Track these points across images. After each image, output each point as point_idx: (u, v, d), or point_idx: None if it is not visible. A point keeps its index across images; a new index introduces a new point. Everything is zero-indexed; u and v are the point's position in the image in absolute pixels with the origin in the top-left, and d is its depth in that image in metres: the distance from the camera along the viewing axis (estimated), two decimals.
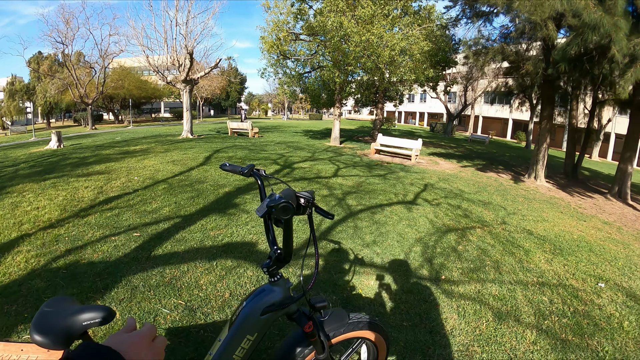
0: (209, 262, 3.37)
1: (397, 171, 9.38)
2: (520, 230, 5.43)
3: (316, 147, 13.28)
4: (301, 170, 8.18)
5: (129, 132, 20.12)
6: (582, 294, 3.58)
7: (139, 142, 11.81)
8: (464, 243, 4.55)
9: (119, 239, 3.70)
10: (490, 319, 2.91)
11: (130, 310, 2.53)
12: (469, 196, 7.35)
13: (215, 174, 6.93)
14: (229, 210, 4.88)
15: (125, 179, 6.04)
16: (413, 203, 6.22)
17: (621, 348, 2.75)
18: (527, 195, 8.47)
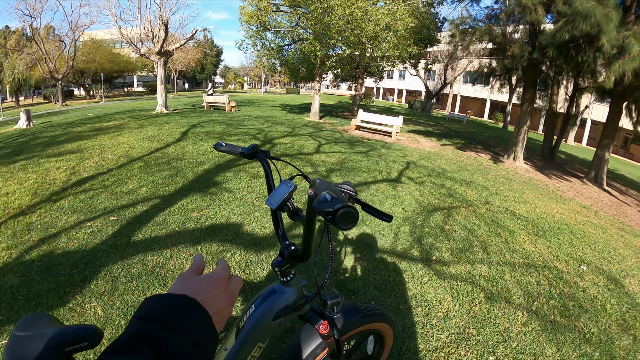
0: (193, 246, 3.16)
1: (378, 148, 9.33)
2: (504, 211, 5.50)
3: (295, 122, 12.99)
4: (282, 146, 7.96)
5: (101, 107, 19.07)
6: (566, 276, 3.69)
7: (112, 117, 11.15)
8: (450, 223, 4.58)
9: (95, 225, 3.41)
10: (482, 300, 2.95)
11: (112, 305, 2.32)
12: (452, 175, 7.42)
13: (193, 150, 6.61)
14: (210, 189, 4.64)
15: (99, 157, 5.65)
16: (397, 181, 6.20)
17: (605, 330, 2.86)
18: (507, 175, 8.62)
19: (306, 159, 6.98)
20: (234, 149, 1.30)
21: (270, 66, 15.86)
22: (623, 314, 3.15)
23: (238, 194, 4.57)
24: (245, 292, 2.60)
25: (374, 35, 11.13)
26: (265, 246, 3.30)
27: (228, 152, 1.31)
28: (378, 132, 12.35)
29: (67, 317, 2.16)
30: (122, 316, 2.21)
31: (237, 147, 1.29)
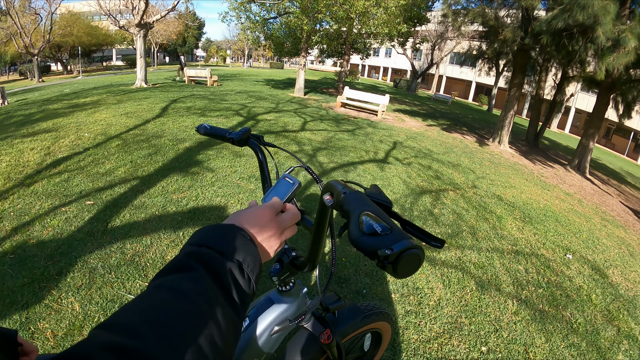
0: (175, 232, 2.97)
1: (364, 127, 9.19)
2: (491, 196, 5.50)
3: (280, 97, 12.64)
4: (266, 122, 7.70)
5: (78, 82, 18.08)
6: (553, 264, 3.73)
7: (89, 93, 10.53)
8: (439, 206, 4.55)
9: (71, 210, 3.15)
10: (473, 288, 2.95)
11: (90, 299, 2.13)
12: (438, 157, 7.38)
13: (174, 127, 6.29)
14: (191, 168, 4.40)
15: (75, 136, 5.27)
16: (384, 162, 6.13)
17: (591, 320, 2.91)
18: (493, 159, 8.64)
19: (291, 136, 6.78)
20: (220, 132, 1.10)
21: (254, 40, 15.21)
22: (607, 305, 3.22)
23: (221, 173, 4.35)
24: None
25: (363, 11, 10.76)
26: None
27: (213, 135, 1.13)
28: (364, 110, 12.15)
29: (44, 315, 1.97)
30: (101, 312, 2.03)
31: (224, 130, 1.09)
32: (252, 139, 1.06)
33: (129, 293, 2.19)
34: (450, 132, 11.40)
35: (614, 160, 20.17)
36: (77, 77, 26.57)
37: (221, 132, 1.10)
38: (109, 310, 2.05)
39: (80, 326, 1.92)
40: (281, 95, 13.52)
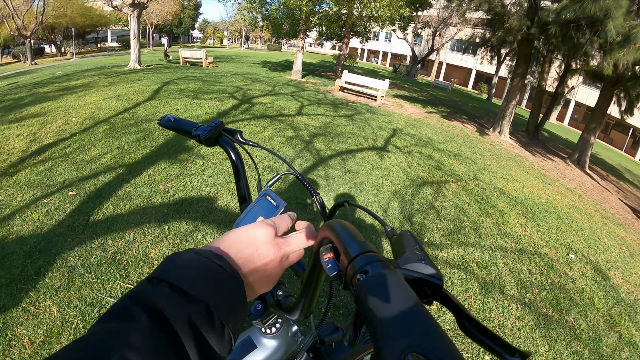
0: (159, 226, 2.77)
1: (363, 112, 8.96)
2: (493, 189, 5.35)
3: (276, 80, 12.31)
4: (262, 106, 7.44)
5: (71, 64, 17.48)
6: (556, 265, 3.63)
7: (81, 75, 10.13)
8: (440, 199, 4.42)
9: (52, 202, 2.93)
10: (477, 290, 2.85)
11: (69, 303, 1.95)
12: (439, 145, 7.21)
13: (165, 110, 6.03)
14: (180, 155, 4.17)
15: (62, 121, 5.01)
16: (384, 150, 5.96)
17: (594, 326, 2.84)
18: (493, 149, 8.48)
19: (287, 121, 6.55)
20: (186, 126, 0.87)
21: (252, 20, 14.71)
22: (609, 309, 3.14)
23: (211, 160, 4.14)
24: None
25: None
26: None
27: (177, 130, 0.90)
28: (363, 94, 11.87)
29: (21, 320, 1.81)
30: (79, 317, 1.86)
31: (191, 124, 0.87)
32: (225, 135, 0.82)
33: (109, 296, 2.02)
34: (450, 120, 11.20)
35: (612, 156, 20.14)
36: (71, 59, 25.87)
37: (187, 126, 0.87)
38: (87, 316, 1.87)
39: (58, 333, 1.76)
40: (278, 77, 13.17)
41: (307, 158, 4.81)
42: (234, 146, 0.81)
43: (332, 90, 11.91)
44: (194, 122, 0.86)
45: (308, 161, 4.71)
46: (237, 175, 0.80)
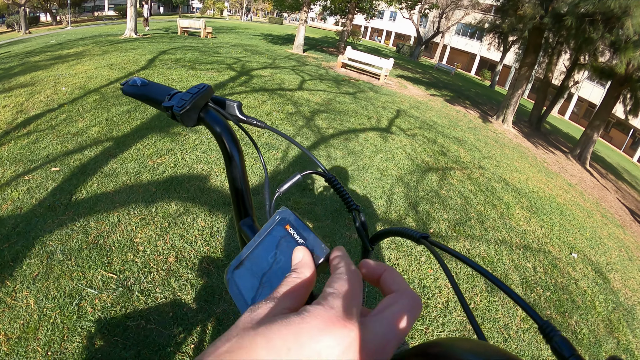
0: (146, 206, 2.56)
1: (366, 90, 8.69)
2: (498, 179, 5.22)
3: (277, 53, 11.88)
4: (261, 79, 7.12)
5: (66, 33, 16.69)
6: (559, 264, 3.57)
7: (75, 44, 9.64)
8: (446, 187, 4.29)
9: (34, 179, 2.70)
10: (483, 288, 2.77)
11: (47, 293, 1.77)
12: (443, 130, 7.03)
13: (159, 80, 5.70)
14: (172, 128, 3.91)
15: (51, 90, 4.69)
16: (388, 131, 5.77)
17: (594, 330, 2.81)
18: (497, 138, 8.31)
19: (287, 95, 6.27)
20: (156, 93, 0.59)
21: None
22: (609, 314, 3.11)
23: (205, 135, 3.89)
24: (210, 273, 2.10)
25: None
26: None
27: (143, 99, 0.61)
28: (365, 72, 11.52)
29: None
30: (57, 311, 1.68)
31: (165, 89, 0.59)
32: (214, 109, 0.55)
33: (89, 286, 1.83)
34: (453, 105, 10.96)
35: (611, 154, 20.16)
36: (66, 27, 24.78)
37: (158, 92, 0.59)
38: (66, 309, 1.69)
39: (34, 328, 1.58)
40: (279, 50, 12.72)
41: (308, 136, 4.60)
42: (227, 127, 0.54)
43: (334, 66, 11.54)
44: (169, 88, 0.58)
45: (309, 139, 4.51)
46: (233, 173, 0.54)
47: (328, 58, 13.49)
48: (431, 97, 10.95)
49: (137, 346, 1.57)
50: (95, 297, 1.77)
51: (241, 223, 0.56)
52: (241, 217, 0.57)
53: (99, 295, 1.78)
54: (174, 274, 2.01)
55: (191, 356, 1.59)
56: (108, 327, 1.63)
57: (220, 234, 2.43)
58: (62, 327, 1.60)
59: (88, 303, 1.73)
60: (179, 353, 1.59)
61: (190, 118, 0.54)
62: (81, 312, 1.69)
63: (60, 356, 1.49)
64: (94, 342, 1.56)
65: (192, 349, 1.63)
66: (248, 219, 0.57)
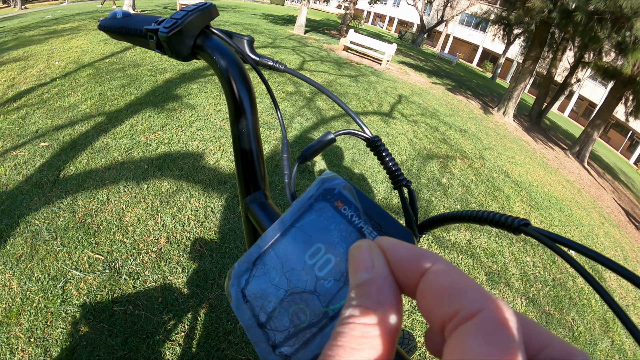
0: (138, 184, 2.44)
1: (368, 74, 8.52)
2: (498, 170, 5.16)
3: (278, 33, 11.59)
4: None
5: (63, 8, 16.08)
6: (558, 259, 3.55)
7: (71, 19, 9.30)
8: (447, 175, 4.24)
9: (22, 154, 2.56)
10: (484, 280, 2.76)
11: (31, 275, 1.66)
12: (445, 118, 6.94)
13: (155, 55, 5.48)
14: (168, 104, 3.75)
15: (44, 65, 4.49)
16: (390, 116, 5.67)
17: (590, 329, 2.81)
18: (497, 130, 8.23)
19: (287, 75, 6.09)
20: (137, 24, 0.47)
21: None
22: (604, 313, 3.11)
23: (202, 112, 3.74)
24: (203, 256, 2.01)
25: None
26: (233, 187, 2.64)
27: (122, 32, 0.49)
28: (367, 56, 11.33)
29: None
30: (41, 294, 1.58)
31: (150, 18, 0.46)
32: (217, 36, 0.43)
33: (75, 268, 1.72)
34: (455, 94, 10.82)
35: (608, 154, 20.25)
36: (63, 3, 23.91)
37: (142, 23, 0.46)
38: (50, 292, 1.59)
39: (17, 313, 1.48)
40: (280, 30, 12.41)
41: (308, 117, 4.48)
42: (235, 61, 0.41)
43: (336, 49, 11.31)
44: (156, 16, 0.45)
45: (309, 120, 4.39)
46: (240, 127, 0.41)
47: (329, 40, 13.23)
48: (433, 85, 10.80)
49: (124, 333, 1.48)
50: (81, 279, 1.67)
51: (248, 200, 0.42)
52: (249, 192, 0.42)
53: (85, 277, 1.68)
54: (164, 257, 1.91)
55: (181, 344, 1.50)
56: (94, 313, 1.54)
57: (215, 215, 2.33)
58: (46, 312, 1.50)
59: (73, 286, 1.63)
60: (168, 341, 1.50)
61: (183, 45, 0.41)
62: (66, 296, 1.59)
63: (44, 343, 1.39)
64: (79, 328, 1.46)
65: (182, 337, 1.54)
66: (259, 195, 0.42)
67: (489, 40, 31.30)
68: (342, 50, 11.22)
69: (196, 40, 0.41)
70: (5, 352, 1.34)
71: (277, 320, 0.24)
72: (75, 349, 1.39)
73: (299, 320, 0.23)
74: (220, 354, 1.52)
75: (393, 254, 0.16)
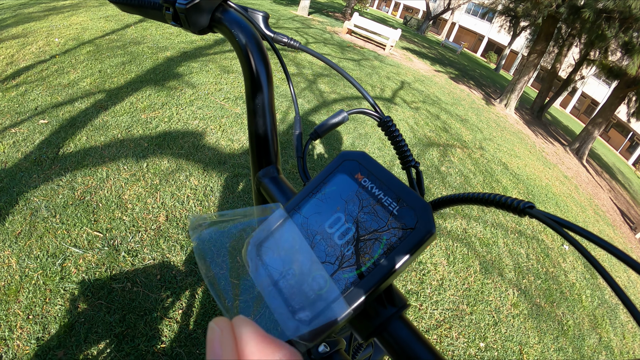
0: (137, 162, 2.42)
1: (371, 59, 8.45)
2: (497, 162, 5.19)
3: (281, 13, 11.39)
4: None
5: None
6: (551, 253, 3.60)
7: None
8: (446, 164, 4.29)
9: (21, 131, 2.51)
10: (477, 269, 2.80)
11: (30, 253, 1.66)
12: (446, 107, 6.93)
13: (156, 33, 5.38)
14: (168, 82, 3.70)
15: (44, 42, 4.39)
16: (391, 102, 5.67)
17: (579, 324, 2.85)
18: (498, 121, 8.21)
19: (290, 56, 6.04)
20: None
21: None
22: (594, 309, 3.17)
23: (203, 90, 3.71)
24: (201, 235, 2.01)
25: None
26: (233, 167, 2.64)
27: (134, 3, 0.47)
28: (371, 41, 11.22)
29: None
30: (39, 271, 1.58)
31: None
32: (235, 10, 0.43)
33: (74, 245, 1.72)
34: (457, 83, 10.74)
35: (608, 154, 20.29)
36: None
37: None
38: (49, 269, 1.59)
39: (16, 290, 1.49)
40: (283, 11, 12.19)
41: (310, 99, 4.45)
42: (254, 35, 0.41)
43: (340, 31, 11.14)
44: None
45: (310, 102, 4.36)
46: (256, 101, 0.41)
47: (333, 23, 13.01)
48: (436, 73, 10.72)
49: (122, 310, 1.49)
50: (80, 256, 1.67)
51: (261, 174, 0.42)
52: (261, 166, 0.43)
53: (84, 255, 1.69)
54: (163, 234, 1.92)
55: (178, 322, 1.53)
56: (92, 289, 1.55)
57: (214, 194, 2.33)
58: (45, 289, 1.51)
59: (72, 263, 1.64)
60: (166, 318, 1.52)
61: (201, 17, 0.40)
62: (64, 273, 1.59)
63: (42, 320, 1.40)
64: (77, 305, 1.47)
65: (179, 314, 1.57)
66: (271, 169, 0.43)
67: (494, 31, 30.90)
68: (345, 33, 11.07)
69: (214, 13, 0.41)
70: (4, 329, 1.35)
71: (296, 286, 0.25)
72: (74, 325, 1.41)
73: (319, 287, 0.24)
74: None
75: (244, 341, 0.17)
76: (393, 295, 0.28)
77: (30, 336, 1.35)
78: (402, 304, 0.28)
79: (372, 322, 0.27)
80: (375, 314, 0.27)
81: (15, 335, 1.35)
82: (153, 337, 1.44)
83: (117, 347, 1.38)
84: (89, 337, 1.38)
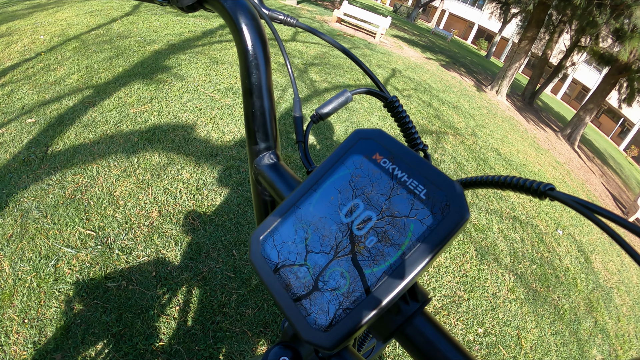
0: (128, 157, 2.38)
1: (361, 47, 8.43)
2: (490, 148, 5.22)
3: (270, 3, 11.18)
4: None
5: None
6: (546, 238, 3.63)
7: None
8: (439, 151, 4.30)
9: (8, 132, 2.44)
10: (473, 254, 2.82)
11: (22, 255, 1.62)
12: (438, 94, 6.93)
13: (143, 27, 5.27)
14: (157, 75, 3.64)
15: (29, 40, 4.26)
16: None
17: (575, 307, 2.89)
18: (490, 108, 8.23)
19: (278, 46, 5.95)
20: None
21: None
22: (589, 293, 3.21)
23: (192, 83, 3.65)
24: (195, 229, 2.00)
25: None
26: (225, 159, 2.62)
27: None
28: (361, 29, 11.17)
29: None
30: (33, 274, 1.55)
31: None
32: None
33: (66, 245, 1.69)
34: (448, 70, 10.72)
35: (599, 139, 20.48)
36: None
37: None
38: (42, 271, 1.56)
39: (10, 294, 1.45)
40: (272, 0, 12.00)
41: (301, 88, 4.45)
42: (248, 9, 0.39)
43: (329, 20, 11.04)
44: None
45: (302, 91, 4.35)
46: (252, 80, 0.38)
47: (323, 12, 12.87)
48: (427, 61, 10.68)
49: (118, 309, 1.47)
50: (73, 256, 1.64)
51: (258, 161, 0.39)
52: (259, 152, 0.39)
53: (77, 254, 1.65)
54: (157, 230, 1.89)
55: (176, 319, 1.51)
56: (87, 290, 1.52)
57: (207, 187, 2.31)
58: (39, 292, 1.48)
59: (65, 264, 1.61)
60: (163, 316, 1.50)
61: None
62: (58, 274, 1.56)
63: (38, 323, 1.38)
64: (73, 307, 1.45)
65: (177, 310, 1.55)
66: (271, 155, 0.40)
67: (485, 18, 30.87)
68: (335, 22, 10.97)
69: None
70: (0, 335, 1.33)
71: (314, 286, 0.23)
72: (70, 327, 1.38)
73: (338, 286, 0.22)
74: (215, 327, 1.54)
75: None
76: (415, 288, 0.25)
77: (27, 340, 1.32)
78: (424, 298, 0.26)
79: (394, 320, 0.25)
80: (397, 311, 0.25)
81: (11, 340, 1.32)
82: (151, 335, 1.43)
83: (115, 347, 1.36)
84: (86, 338, 1.36)
